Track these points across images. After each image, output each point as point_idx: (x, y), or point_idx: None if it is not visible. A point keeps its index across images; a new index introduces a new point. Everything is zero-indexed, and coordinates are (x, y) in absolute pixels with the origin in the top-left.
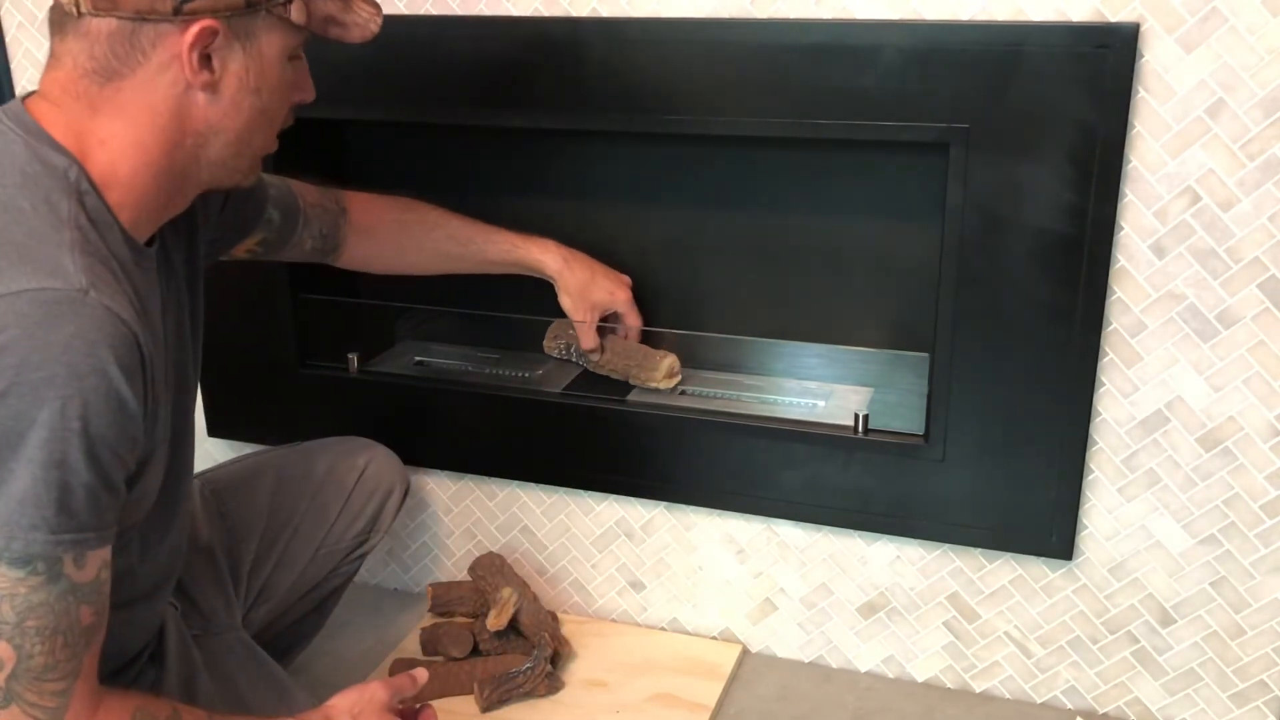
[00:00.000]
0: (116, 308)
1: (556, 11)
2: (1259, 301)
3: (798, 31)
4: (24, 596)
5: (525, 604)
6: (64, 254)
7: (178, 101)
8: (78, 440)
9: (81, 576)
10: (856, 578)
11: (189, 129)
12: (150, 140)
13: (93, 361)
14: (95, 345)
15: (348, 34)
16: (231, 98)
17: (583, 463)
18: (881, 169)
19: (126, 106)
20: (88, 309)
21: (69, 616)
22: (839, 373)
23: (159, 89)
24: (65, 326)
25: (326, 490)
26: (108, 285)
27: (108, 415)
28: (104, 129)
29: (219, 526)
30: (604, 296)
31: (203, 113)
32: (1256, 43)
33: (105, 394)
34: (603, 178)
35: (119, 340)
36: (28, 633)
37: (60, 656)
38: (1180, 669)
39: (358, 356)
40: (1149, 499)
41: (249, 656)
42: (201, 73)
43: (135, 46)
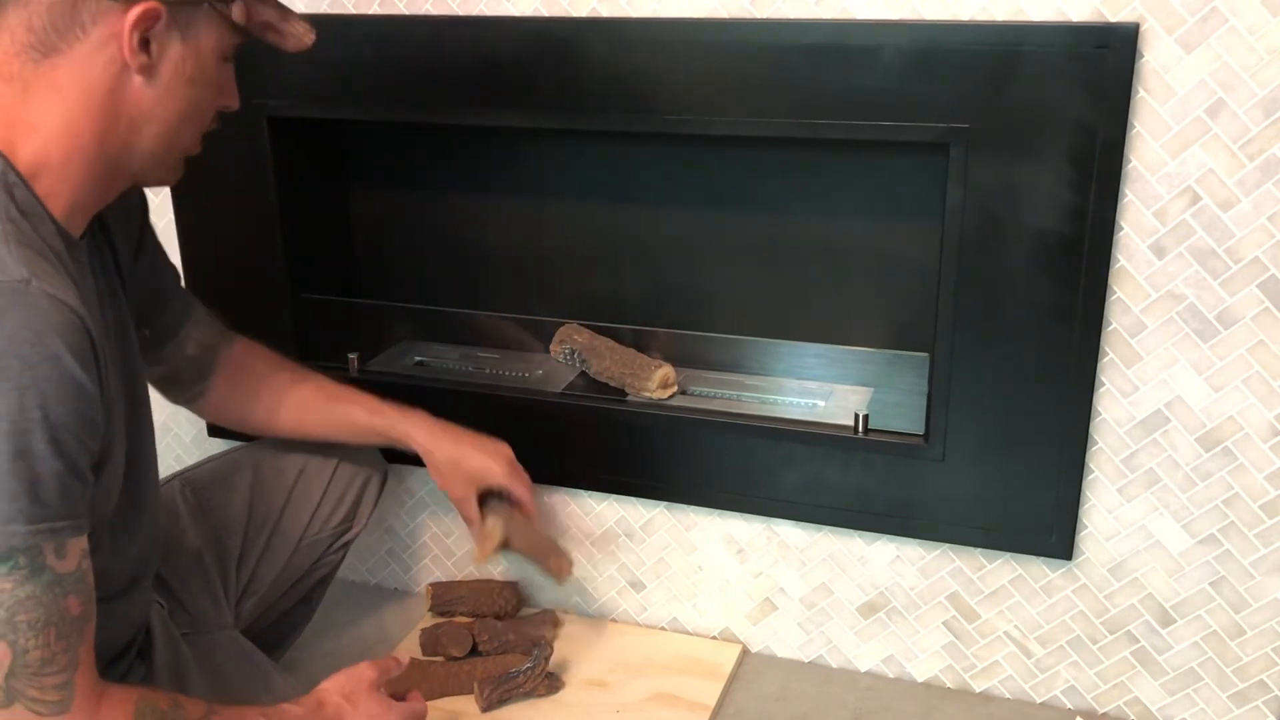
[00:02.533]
0: (61, 295)
1: (556, 11)
2: (1259, 301)
3: (798, 31)
4: (10, 592)
5: (516, 529)
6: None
7: (114, 82)
8: (40, 429)
9: (64, 567)
10: (856, 578)
11: (122, 112)
12: (83, 123)
13: (43, 350)
14: (43, 334)
15: (284, 42)
16: (166, 85)
17: (583, 463)
18: (881, 169)
19: (61, 85)
20: (31, 298)
21: (58, 608)
22: (839, 373)
23: (95, 67)
24: (11, 318)
25: (305, 481)
26: (48, 274)
27: (66, 401)
28: (36, 112)
29: (202, 524)
30: (478, 470)
31: (137, 96)
32: (1256, 43)
33: (60, 380)
34: (602, 178)
35: (66, 327)
36: (19, 628)
37: (56, 649)
38: (1180, 669)
39: (358, 356)
40: (1149, 499)
41: (239, 654)
42: (140, 55)
43: (75, 20)
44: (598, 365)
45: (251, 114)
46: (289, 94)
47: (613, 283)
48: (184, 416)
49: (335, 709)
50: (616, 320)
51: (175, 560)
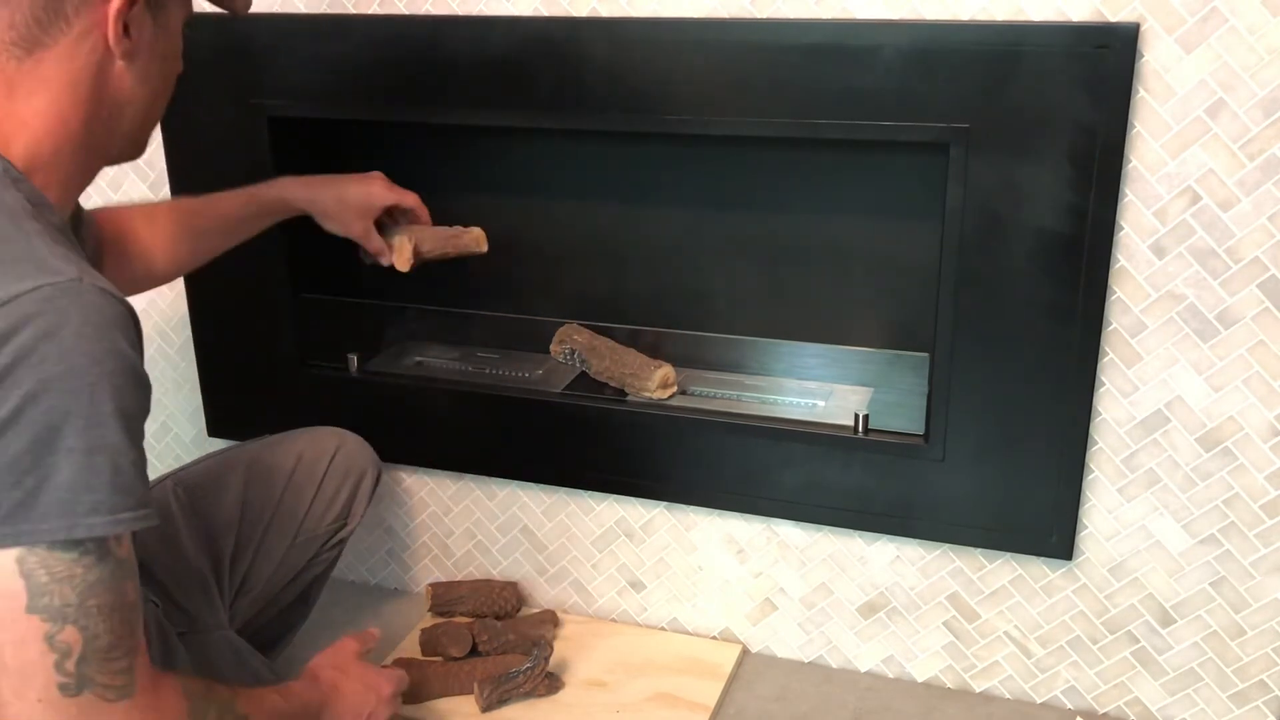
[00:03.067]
0: (107, 287)
1: (556, 11)
2: (1259, 301)
3: (798, 31)
4: (81, 577)
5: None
6: (39, 246)
7: (97, 70)
8: (113, 421)
9: (123, 553)
10: (856, 578)
11: (106, 99)
12: (71, 113)
13: (106, 344)
14: (103, 329)
15: (236, 7)
16: (144, 66)
17: (583, 463)
18: (881, 169)
19: (48, 79)
20: (86, 295)
21: (120, 593)
22: (839, 373)
23: (79, 58)
24: (74, 318)
25: (298, 479)
26: (88, 268)
27: (132, 390)
28: (25, 109)
29: (195, 524)
30: (362, 199)
31: (118, 82)
32: (1256, 43)
33: (125, 372)
34: (603, 178)
35: (119, 318)
36: (90, 612)
37: (121, 633)
38: (1180, 669)
39: (358, 356)
40: (1149, 499)
41: (234, 654)
42: (124, 40)
43: (59, 14)
44: (598, 365)
45: (251, 114)
46: (289, 94)
47: (613, 283)
48: (184, 416)
49: (330, 679)
50: (616, 320)
51: (169, 561)
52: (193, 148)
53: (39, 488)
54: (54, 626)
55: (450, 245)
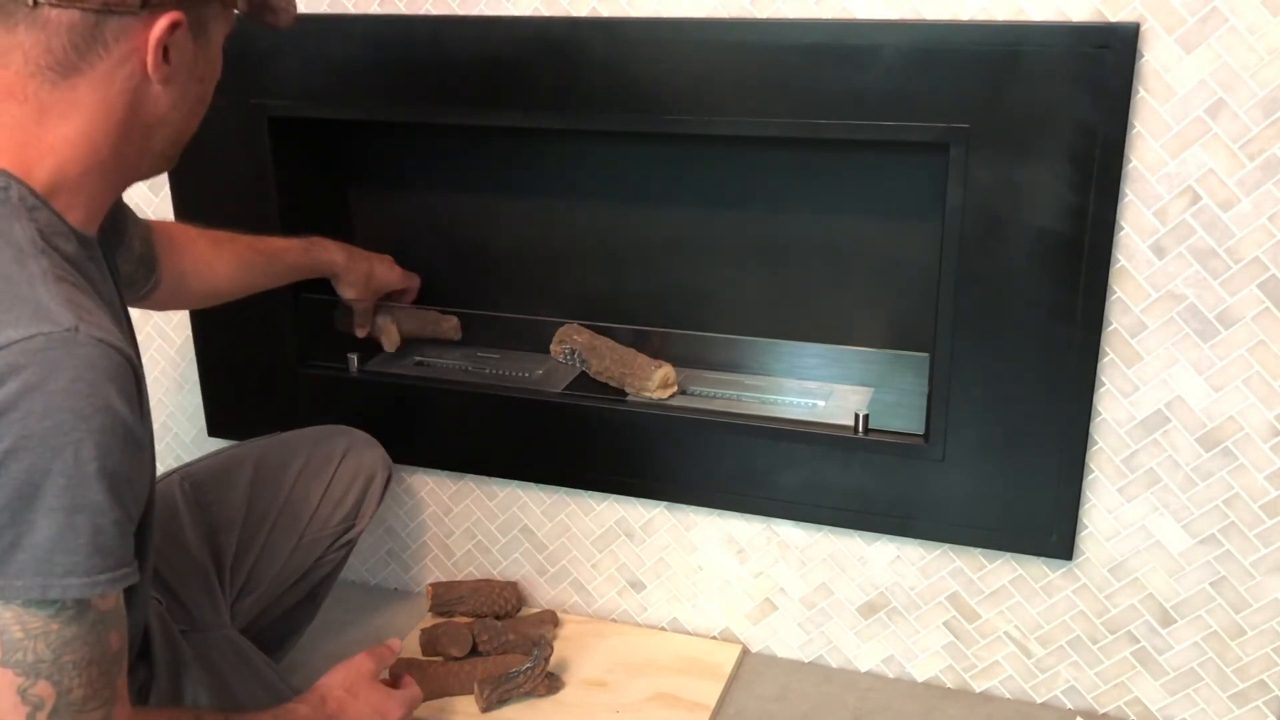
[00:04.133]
0: (104, 335)
1: (556, 11)
2: (1259, 301)
3: (798, 31)
4: (57, 633)
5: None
6: (40, 290)
7: (132, 95)
8: (96, 481)
9: (106, 605)
10: (856, 578)
11: (139, 122)
12: (102, 137)
13: (96, 401)
14: (95, 384)
15: (276, 19)
16: (182, 88)
17: (583, 463)
18: (881, 169)
19: (80, 103)
20: (80, 347)
21: (100, 645)
22: (839, 373)
23: (115, 83)
24: (64, 372)
25: (306, 478)
26: (89, 311)
27: (120, 450)
28: (53, 134)
29: (199, 521)
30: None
31: (154, 105)
32: (1256, 43)
33: (114, 430)
34: (602, 178)
35: (115, 371)
36: (65, 668)
37: (98, 685)
38: (1180, 669)
39: (358, 356)
40: (1149, 499)
41: (236, 654)
42: (163, 66)
43: (97, 39)
44: (598, 365)
45: (251, 114)
46: (289, 94)
47: (613, 283)
48: (184, 416)
49: (338, 703)
50: (616, 320)
51: (173, 557)
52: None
53: (16, 544)
54: (27, 680)
55: (426, 326)
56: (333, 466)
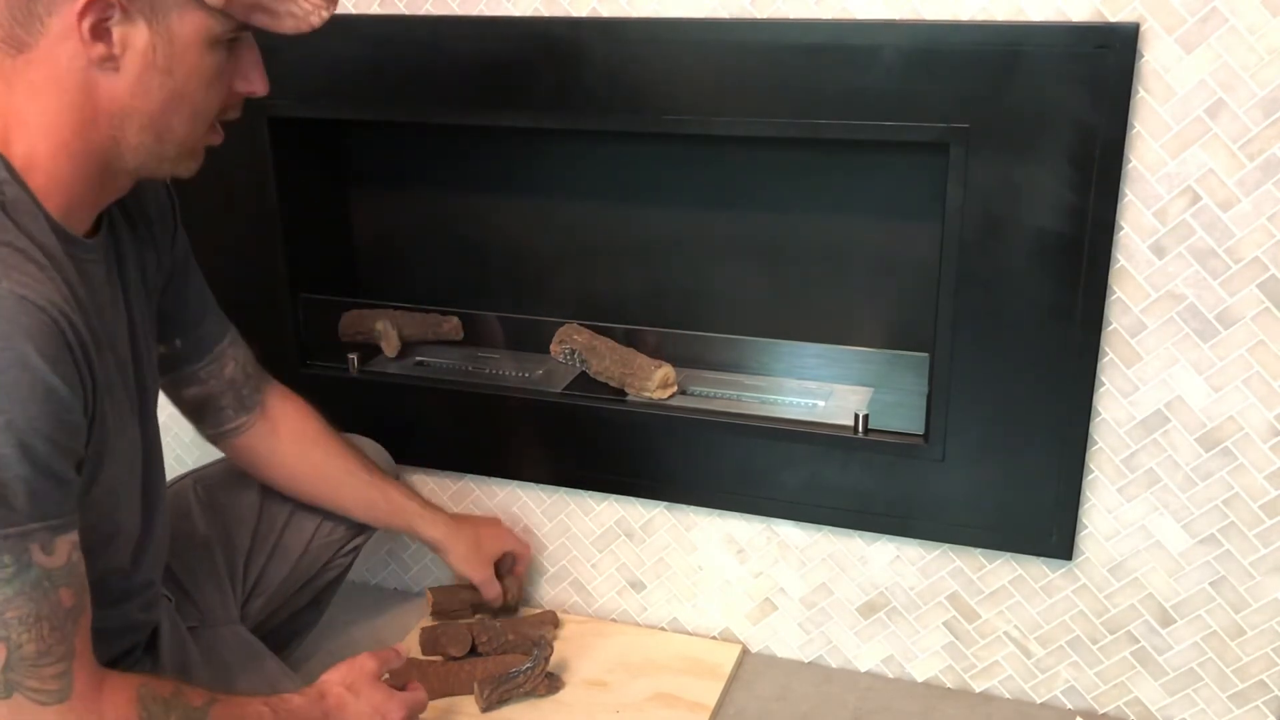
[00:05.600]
0: (33, 295)
1: (556, 11)
2: (1259, 301)
3: (798, 31)
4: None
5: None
6: None
7: (82, 76)
8: (4, 435)
9: (52, 563)
10: (856, 578)
11: (100, 108)
12: (62, 119)
13: (10, 355)
14: (10, 338)
15: (278, 24)
16: (137, 76)
17: (583, 463)
18: (881, 169)
19: (35, 81)
20: (3, 304)
21: (49, 601)
22: (839, 373)
23: (61, 61)
24: None
25: None
26: (24, 273)
27: (35, 405)
28: (22, 108)
29: (212, 520)
30: (495, 549)
31: (108, 91)
32: (1256, 43)
33: (30, 385)
34: (602, 178)
35: (38, 329)
36: (10, 624)
37: (51, 640)
38: (1180, 669)
39: (358, 356)
40: (1149, 499)
41: (244, 649)
42: (95, 45)
43: (33, 14)
44: (598, 365)
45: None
46: (289, 94)
47: (613, 283)
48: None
49: (338, 699)
50: (616, 320)
51: (184, 554)
52: None
53: None
54: None
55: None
56: None
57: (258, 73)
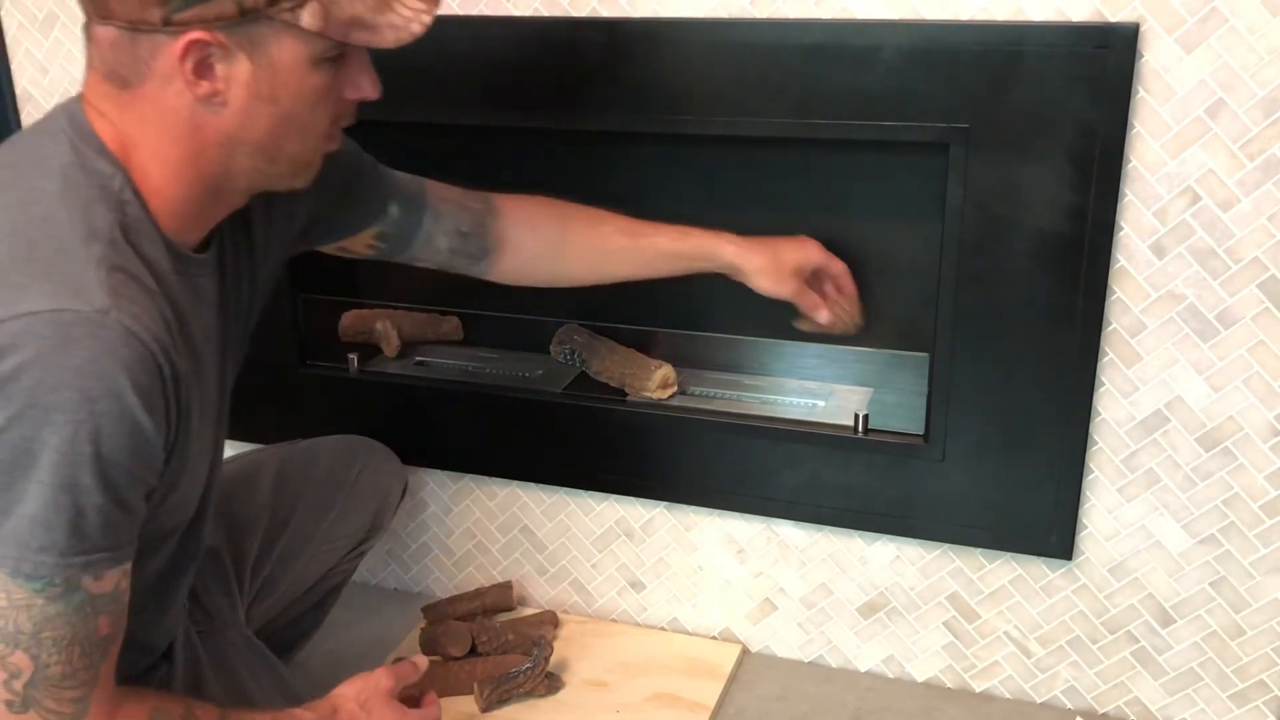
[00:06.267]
0: (138, 327)
1: (556, 11)
2: (1259, 301)
3: (798, 31)
4: (40, 609)
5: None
6: (89, 270)
7: (189, 112)
8: (89, 464)
9: (99, 589)
10: (856, 578)
11: (208, 140)
12: (171, 152)
13: (107, 385)
14: (110, 369)
15: (380, 38)
16: (243, 108)
17: (583, 463)
18: (881, 169)
19: (146, 116)
20: (106, 331)
21: (86, 627)
22: (839, 373)
23: (168, 100)
24: (81, 350)
25: (327, 488)
26: (133, 302)
27: (121, 439)
28: (134, 132)
29: (221, 524)
30: (797, 256)
31: (215, 124)
32: (1256, 43)
33: (119, 417)
34: (602, 178)
35: (136, 362)
36: (44, 644)
37: (78, 665)
38: (1180, 669)
39: (358, 356)
40: (1149, 499)
41: (251, 652)
42: (200, 84)
43: (136, 56)
44: (598, 365)
45: None
46: None
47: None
48: None
49: (349, 716)
50: (616, 320)
51: None
52: None
53: (6, 511)
54: (5, 649)
55: (428, 331)
56: (353, 478)
57: (367, 78)
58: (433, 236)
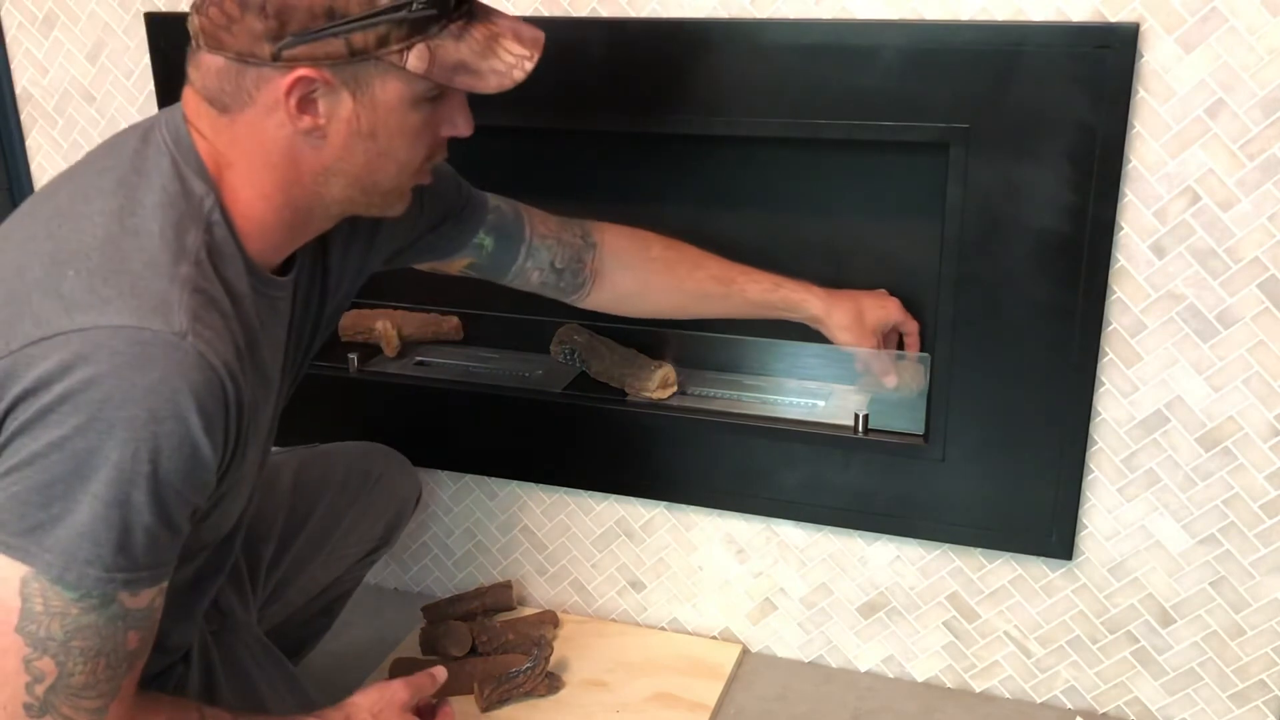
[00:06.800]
0: (211, 353)
1: (556, 11)
2: (1259, 301)
3: (798, 31)
4: (74, 618)
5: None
6: (174, 291)
7: (288, 143)
8: (145, 483)
9: (134, 604)
10: (856, 578)
11: (304, 169)
12: (264, 178)
13: (173, 408)
14: (179, 392)
15: (483, 83)
16: (343, 143)
17: (583, 463)
18: (881, 169)
19: (241, 141)
20: (180, 354)
21: (115, 640)
22: (839, 373)
23: (268, 130)
24: (154, 370)
25: (344, 495)
26: (209, 327)
27: (179, 462)
28: (228, 153)
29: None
30: (879, 315)
31: (313, 156)
32: (1256, 43)
33: (180, 441)
34: (602, 178)
35: (204, 387)
36: (72, 652)
37: (101, 677)
38: (1180, 669)
39: (358, 356)
40: (1149, 499)
41: (264, 654)
42: (303, 118)
43: (241, 87)
44: (598, 365)
45: None
46: None
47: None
48: None
49: None
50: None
51: None
52: None
53: (59, 519)
54: (33, 652)
55: (429, 331)
56: (369, 486)
57: (463, 116)
58: (526, 270)
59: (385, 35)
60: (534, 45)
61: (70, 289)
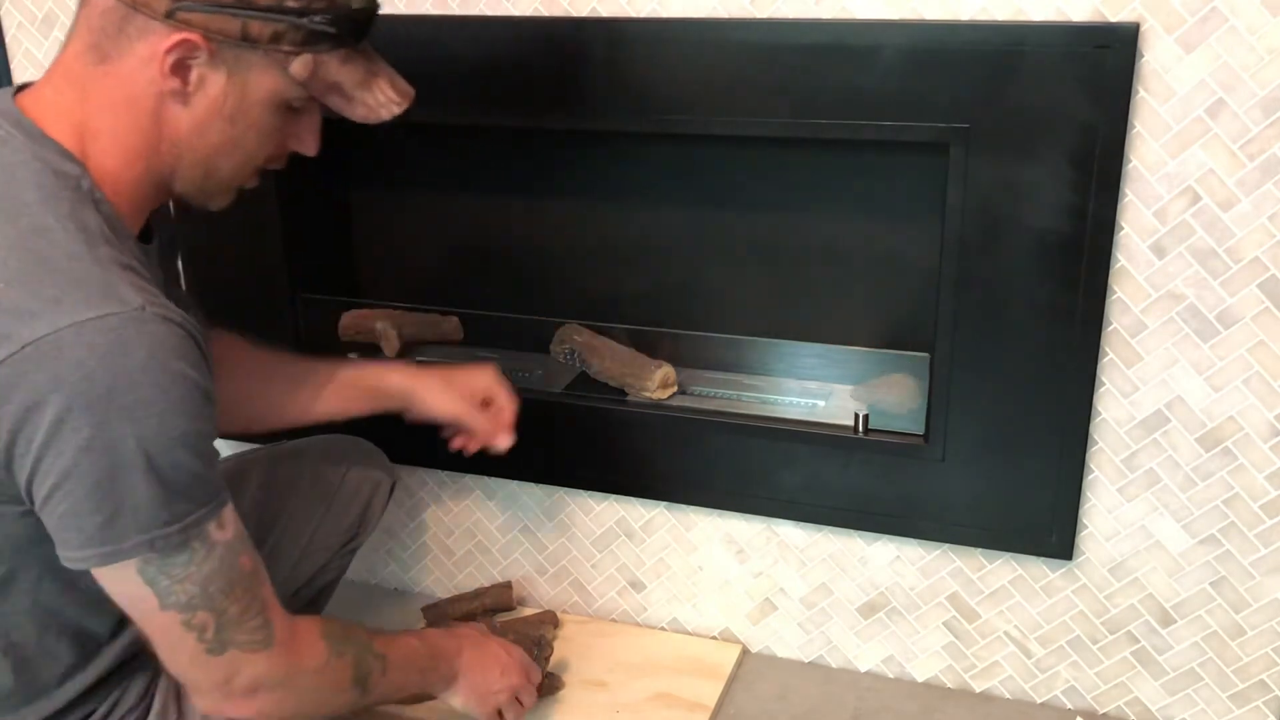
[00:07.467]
0: (170, 313)
1: (556, 11)
2: (1259, 301)
3: (798, 31)
4: (197, 570)
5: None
6: (111, 272)
7: (155, 102)
8: (181, 445)
9: (225, 535)
10: (856, 578)
11: (164, 136)
12: (131, 138)
13: (171, 374)
14: (169, 358)
15: (350, 109)
16: (202, 117)
17: (583, 463)
18: (881, 169)
19: (112, 95)
20: (149, 325)
21: (235, 568)
22: (839, 373)
23: (139, 84)
24: (138, 349)
25: (314, 487)
26: (149, 292)
27: (199, 411)
28: (95, 121)
29: None
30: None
31: (173, 121)
32: (1256, 43)
33: (187, 394)
34: (602, 178)
35: (182, 343)
36: (214, 596)
37: (247, 600)
38: (1180, 669)
39: (358, 356)
40: (1149, 499)
41: None
42: (171, 78)
43: (123, 32)
44: (598, 365)
45: None
46: None
47: (613, 283)
48: None
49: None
50: (616, 320)
51: None
52: None
53: (119, 511)
54: (187, 615)
55: (429, 332)
56: (340, 475)
57: (312, 137)
58: None
59: (280, 33)
60: (405, 96)
61: (12, 300)
